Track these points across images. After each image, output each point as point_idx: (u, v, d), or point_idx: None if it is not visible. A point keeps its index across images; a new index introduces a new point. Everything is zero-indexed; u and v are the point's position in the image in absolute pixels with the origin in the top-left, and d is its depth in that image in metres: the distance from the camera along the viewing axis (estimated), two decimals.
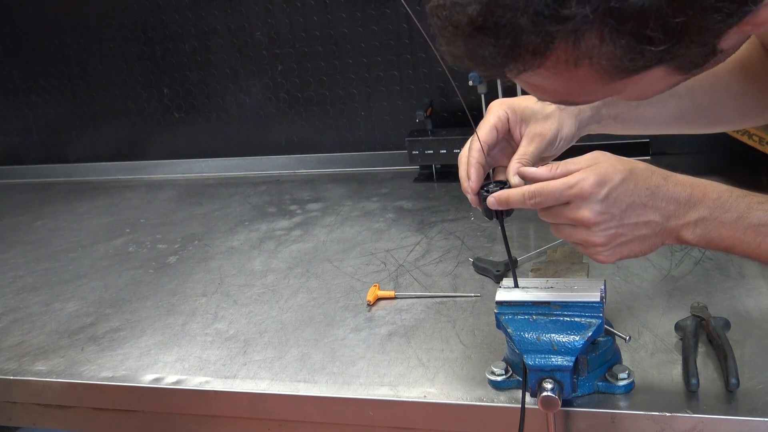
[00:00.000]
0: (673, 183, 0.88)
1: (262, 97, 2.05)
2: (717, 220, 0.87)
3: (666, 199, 0.87)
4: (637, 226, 0.88)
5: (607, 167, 0.87)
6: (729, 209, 0.87)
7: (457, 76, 1.82)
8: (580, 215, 0.87)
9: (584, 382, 0.98)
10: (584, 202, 0.87)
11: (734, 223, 0.86)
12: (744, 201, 0.87)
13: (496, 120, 1.00)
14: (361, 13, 1.90)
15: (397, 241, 1.54)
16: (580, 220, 0.88)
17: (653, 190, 0.87)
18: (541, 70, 0.68)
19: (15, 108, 2.26)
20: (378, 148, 2.01)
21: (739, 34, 0.67)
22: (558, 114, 0.99)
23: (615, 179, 0.87)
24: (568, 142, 1.02)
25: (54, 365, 1.25)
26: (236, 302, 1.38)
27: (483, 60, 0.67)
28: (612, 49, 0.64)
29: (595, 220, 0.87)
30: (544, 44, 0.64)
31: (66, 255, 1.69)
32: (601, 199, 0.87)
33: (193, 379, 1.16)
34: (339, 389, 1.09)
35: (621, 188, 0.87)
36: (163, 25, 2.05)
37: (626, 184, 0.87)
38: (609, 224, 0.88)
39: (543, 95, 0.76)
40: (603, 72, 0.67)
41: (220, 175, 2.11)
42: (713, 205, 0.87)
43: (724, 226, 0.87)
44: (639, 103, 1.04)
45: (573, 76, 0.68)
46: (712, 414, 0.93)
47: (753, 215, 0.86)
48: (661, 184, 0.88)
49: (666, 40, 0.63)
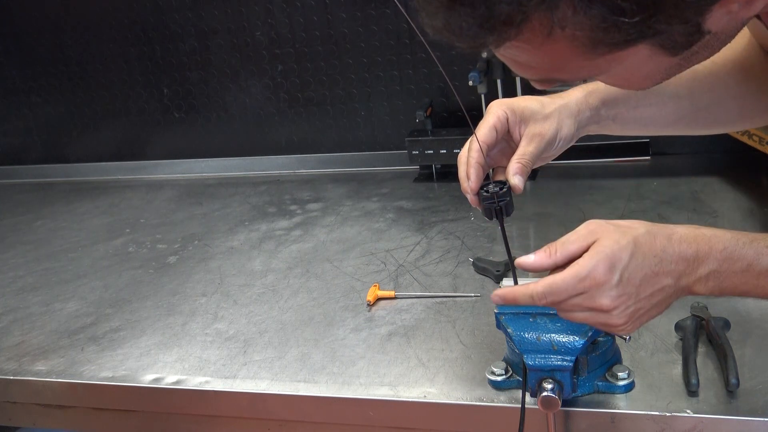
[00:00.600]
0: (677, 241, 0.86)
1: (262, 97, 2.05)
2: (728, 271, 0.85)
3: (674, 261, 0.86)
4: (653, 296, 0.86)
5: (612, 246, 0.84)
6: (738, 259, 0.85)
7: (457, 76, 1.83)
8: (597, 304, 0.85)
9: (584, 382, 0.98)
10: (599, 290, 0.84)
11: (745, 271, 0.85)
12: (752, 247, 0.85)
13: (496, 120, 1.00)
14: (361, 13, 1.90)
15: (397, 241, 1.54)
16: (599, 308, 0.86)
17: (660, 255, 0.85)
18: (519, 43, 0.67)
19: (15, 108, 2.26)
20: (378, 148, 2.01)
21: (728, 15, 0.66)
22: (557, 114, 0.99)
23: (624, 258, 0.84)
24: (567, 142, 1.02)
25: (54, 365, 1.25)
26: (236, 302, 1.38)
27: (461, 31, 0.68)
28: (585, 19, 0.63)
29: (614, 305, 0.85)
30: (519, 14, 0.64)
31: (66, 255, 1.69)
32: (615, 284, 0.84)
33: (193, 379, 1.16)
34: (339, 389, 1.09)
35: (631, 266, 0.84)
36: (163, 25, 2.05)
37: (635, 259, 0.85)
38: (627, 304, 0.86)
39: (526, 71, 0.75)
40: (581, 45, 0.66)
41: (220, 175, 2.11)
42: (721, 257, 0.85)
43: (736, 275, 0.86)
44: (638, 103, 1.04)
45: (551, 49, 0.67)
46: (712, 414, 0.93)
47: (763, 261, 0.85)
48: (666, 246, 0.86)
49: (639, 12, 0.62)
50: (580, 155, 1.76)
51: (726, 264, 0.85)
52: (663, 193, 1.58)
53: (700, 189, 1.58)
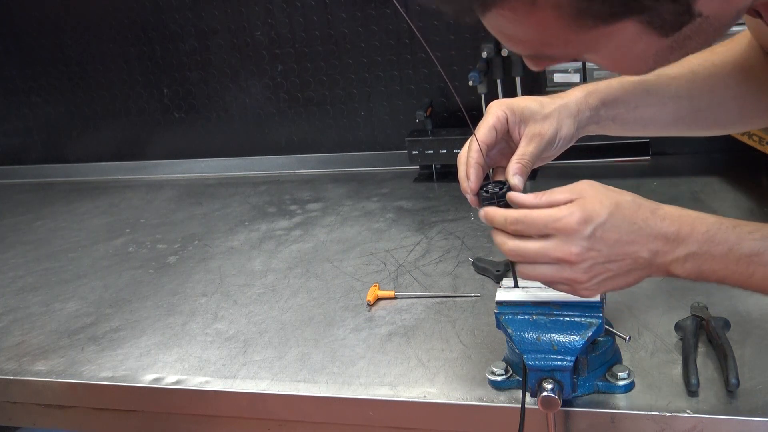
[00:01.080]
0: (660, 217, 0.86)
1: (262, 97, 2.05)
2: (707, 254, 0.85)
3: (653, 235, 0.86)
4: (623, 263, 0.87)
5: (594, 203, 0.86)
6: (719, 242, 0.85)
7: (457, 76, 1.83)
8: (565, 252, 0.86)
9: (584, 382, 0.98)
10: (569, 238, 0.86)
11: (725, 255, 0.84)
12: (734, 232, 0.85)
13: (495, 120, 1.00)
14: (361, 13, 1.90)
15: (397, 241, 1.54)
16: (566, 257, 0.86)
17: (640, 224, 0.86)
18: (504, 11, 0.68)
19: (15, 108, 2.26)
20: (378, 148, 2.01)
21: None
22: (557, 114, 0.99)
23: (602, 215, 0.85)
24: (567, 142, 1.02)
25: (54, 365, 1.25)
26: (236, 302, 1.38)
27: None
28: None
29: (581, 257, 0.86)
30: None
31: (66, 255, 1.69)
32: (587, 236, 0.85)
33: (193, 379, 1.16)
34: (339, 389, 1.09)
35: (607, 224, 0.85)
36: (163, 25, 2.05)
37: (612, 219, 0.86)
38: (595, 260, 0.86)
39: (515, 45, 0.74)
40: (566, 15, 0.66)
41: (220, 175, 2.11)
42: (702, 239, 0.85)
43: (715, 259, 0.85)
44: (638, 104, 1.04)
45: (537, 19, 0.68)
46: (712, 414, 0.93)
47: (744, 245, 0.84)
48: (648, 218, 0.86)
49: None
50: (580, 155, 1.76)
51: (706, 246, 0.85)
52: (663, 193, 1.58)
53: (700, 189, 1.58)
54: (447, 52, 1.86)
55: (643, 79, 1.04)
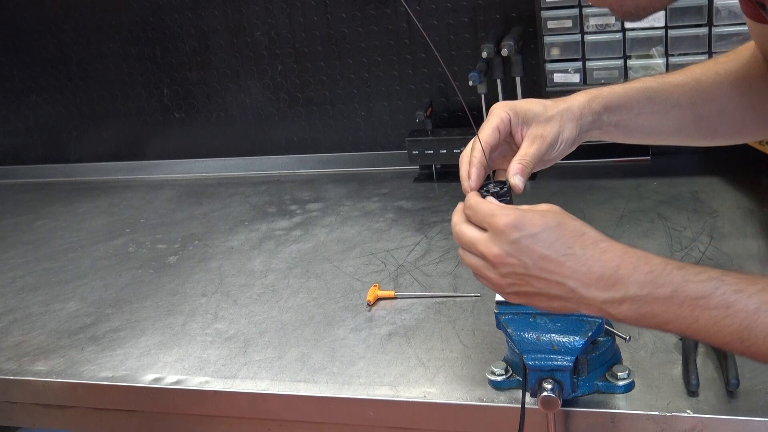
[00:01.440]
0: (602, 250, 0.83)
1: (262, 97, 2.05)
2: (649, 296, 0.81)
3: (587, 267, 0.82)
4: (547, 283, 0.84)
5: (535, 215, 0.85)
6: (663, 284, 0.80)
7: (457, 76, 1.83)
8: (488, 250, 0.86)
9: (584, 382, 0.98)
10: (495, 237, 0.85)
11: (669, 298, 0.80)
12: (680, 273, 0.80)
13: (499, 121, 1.00)
14: (361, 13, 1.90)
15: (397, 241, 1.54)
16: (486, 254, 0.86)
17: (576, 251, 0.83)
18: None
19: (15, 108, 2.26)
20: (378, 148, 2.01)
21: None
22: (559, 117, 1.00)
23: (535, 227, 0.84)
24: (568, 146, 1.02)
25: (54, 365, 1.25)
26: (236, 302, 1.38)
27: None
28: None
29: (500, 260, 0.85)
30: None
31: (66, 255, 1.69)
32: (511, 242, 0.84)
33: (193, 379, 1.16)
34: (339, 389, 1.09)
35: (539, 237, 0.83)
36: (163, 25, 2.05)
37: (546, 235, 0.84)
38: (513, 269, 0.85)
39: None
40: None
41: (220, 175, 2.11)
42: (645, 280, 0.81)
43: (657, 302, 0.80)
44: (640, 110, 1.04)
45: None
46: (712, 414, 0.93)
47: (690, 288, 0.79)
48: (588, 247, 0.83)
49: None
50: (580, 155, 1.75)
51: (648, 288, 0.81)
52: (663, 193, 1.59)
53: (700, 189, 1.58)
54: (447, 52, 1.86)
55: (647, 86, 1.05)
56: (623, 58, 1.59)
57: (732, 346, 0.79)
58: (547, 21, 1.59)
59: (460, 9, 1.83)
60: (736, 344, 0.79)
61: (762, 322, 0.77)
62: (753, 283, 0.79)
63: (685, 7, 1.52)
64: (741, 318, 0.77)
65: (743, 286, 0.78)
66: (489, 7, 1.81)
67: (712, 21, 1.51)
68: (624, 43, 1.57)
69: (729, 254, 1.30)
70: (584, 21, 1.58)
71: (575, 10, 1.57)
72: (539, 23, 1.60)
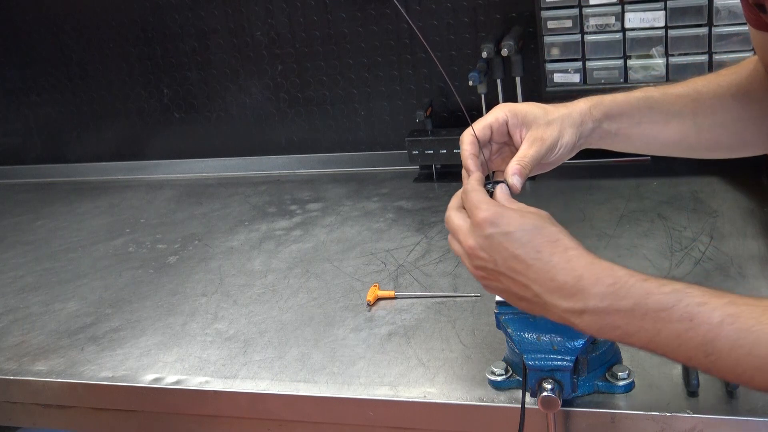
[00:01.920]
0: (567, 259, 0.83)
1: (262, 97, 2.05)
2: (610, 308, 0.80)
3: (552, 274, 0.82)
4: (514, 283, 0.85)
5: (515, 215, 0.86)
6: (624, 296, 0.79)
7: (457, 76, 1.83)
8: (466, 240, 0.88)
9: (584, 382, 0.98)
10: (474, 229, 0.87)
11: (630, 310, 0.79)
12: (643, 286, 0.79)
13: (493, 120, 1.01)
14: (361, 13, 1.90)
15: (397, 241, 1.54)
16: (462, 243, 0.88)
17: (544, 256, 0.83)
18: None
19: (15, 108, 2.26)
20: (378, 148, 2.01)
21: None
22: (560, 121, 1.00)
23: (511, 226, 0.85)
24: (568, 151, 1.02)
25: (54, 365, 1.25)
26: (236, 302, 1.38)
27: None
28: None
29: (472, 252, 0.87)
30: None
31: (66, 255, 1.69)
32: (485, 236, 0.86)
33: (193, 379, 1.16)
34: (339, 389, 1.09)
35: (512, 237, 0.84)
36: (163, 25, 2.05)
37: (519, 235, 0.84)
38: (484, 264, 0.87)
39: None
40: None
41: (220, 175, 2.11)
42: (606, 292, 0.80)
43: (619, 314, 0.79)
44: (641, 119, 1.04)
45: None
46: (712, 414, 0.93)
47: (652, 300, 0.78)
48: (555, 253, 0.83)
49: None
50: (581, 155, 1.73)
51: (609, 299, 0.80)
52: (663, 193, 1.59)
53: (700, 189, 1.58)
54: (447, 52, 1.86)
55: (648, 95, 1.05)
56: (623, 58, 1.59)
57: (697, 361, 0.77)
58: (547, 21, 1.59)
59: (460, 9, 1.83)
60: (701, 359, 0.76)
61: (726, 335, 0.75)
62: (718, 296, 0.77)
63: (685, 7, 1.52)
64: (704, 331, 0.75)
65: (707, 299, 0.77)
66: (489, 7, 1.81)
67: (712, 21, 1.51)
68: (624, 43, 1.57)
69: (729, 254, 1.30)
70: (584, 21, 1.58)
71: (575, 10, 1.57)
72: (539, 23, 1.60)
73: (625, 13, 1.55)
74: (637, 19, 1.55)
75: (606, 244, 1.40)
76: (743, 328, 0.74)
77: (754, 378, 0.75)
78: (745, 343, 0.74)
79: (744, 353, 0.74)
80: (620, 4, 1.55)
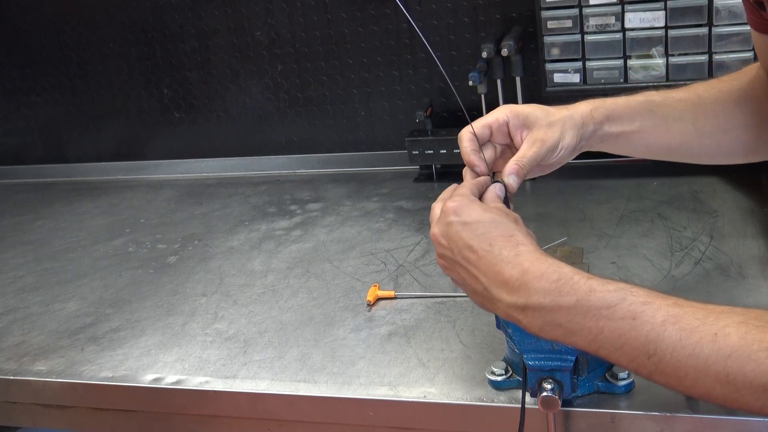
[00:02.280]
0: (516, 254, 0.83)
1: (262, 97, 2.05)
2: (552, 304, 0.79)
3: (499, 267, 0.83)
4: (468, 273, 0.86)
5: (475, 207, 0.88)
6: (567, 292, 0.79)
7: (457, 76, 1.83)
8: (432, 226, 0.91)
9: (584, 382, 0.98)
10: (440, 217, 0.90)
11: (572, 307, 0.78)
12: (587, 283, 0.79)
13: (493, 120, 1.01)
14: (361, 13, 1.90)
15: (397, 241, 1.54)
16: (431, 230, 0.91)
17: (494, 250, 0.84)
18: None
19: (15, 108, 2.26)
20: (378, 148, 2.01)
21: None
22: (561, 123, 1.00)
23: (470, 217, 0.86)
24: (569, 153, 1.02)
25: (54, 365, 1.25)
26: (236, 302, 1.38)
27: None
28: None
29: (435, 240, 0.90)
30: None
31: (66, 255, 1.69)
32: (445, 224, 0.88)
33: (193, 379, 1.16)
34: (339, 389, 1.09)
35: (468, 226, 0.86)
36: (163, 25, 2.05)
37: (476, 227, 0.86)
38: (443, 251, 0.89)
39: None
40: None
41: (220, 175, 2.11)
42: (549, 288, 0.79)
43: (561, 310, 0.79)
44: (642, 122, 1.03)
45: None
46: (712, 414, 0.93)
47: (595, 297, 0.77)
48: (506, 248, 0.83)
49: None
50: (581, 155, 1.75)
51: (551, 296, 0.79)
52: (663, 193, 1.59)
53: (700, 189, 1.58)
54: (447, 52, 1.86)
55: (650, 99, 1.05)
56: (623, 58, 1.59)
57: (639, 362, 0.77)
58: (547, 21, 1.59)
59: (460, 9, 1.83)
60: (643, 360, 0.76)
61: (669, 335, 0.74)
62: (662, 297, 0.77)
63: (685, 7, 1.52)
64: (647, 330, 0.75)
65: (651, 299, 0.77)
66: (489, 7, 1.81)
67: (712, 21, 1.51)
68: (624, 43, 1.57)
69: (729, 254, 1.30)
70: (584, 21, 1.58)
71: (575, 10, 1.57)
72: (539, 23, 1.60)
73: (625, 13, 1.55)
74: (637, 19, 1.55)
75: (606, 244, 1.40)
76: (686, 329, 0.74)
77: (696, 382, 0.74)
78: (687, 344, 0.73)
79: (686, 354, 0.73)
80: (620, 4, 1.55)
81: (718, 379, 0.73)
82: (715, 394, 0.74)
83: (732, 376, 0.72)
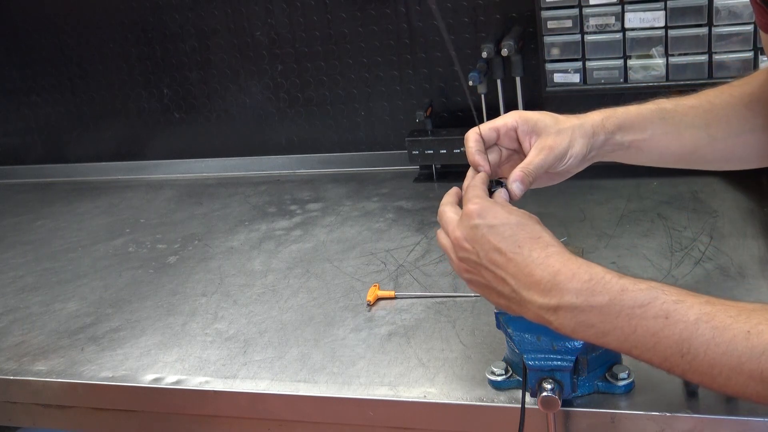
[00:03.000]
0: (546, 255, 0.83)
1: (262, 97, 2.05)
2: (585, 305, 0.79)
3: (530, 269, 0.83)
4: (494, 277, 0.86)
5: (499, 209, 0.87)
6: (599, 292, 0.79)
7: (457, 76, 1.82)
8: (452, 230, 0.89)
9: (584, 382, 0.98)
10: (462, 220, 0.89)
11: (605, 306, 0.78)
12: (618, 282, 0.79)
13: (501, 124, 1.01)
14: (361, 13, 1.90)
15: (397, 241, 1.54)
16: (450, 234, 0.89)
17: (524, 251, 0.83)
18: None
19: (15, 108, 2.26)
20: (378, 148, 2.01)
21: None
22: (571, 131, 0.99)
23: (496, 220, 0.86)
24: (578, 162, 1.01)
25: (54, 365, 1.25)
26: (236, 302, 1.38)
27: None
28: None
29: (458, 244, 0.88)
30: None
31: (66, 255, 1.69)
32: (470, 227, 0.87)
33: (193, 379, 1.16)
34: (339, 389, 1.09)
35: (495, 230, 0.85)
36: (163, 25, 2.05)
37: (502, 229, 0.85)
38: (467, 256, 0.88)
39: None
40: None
41: (220, 175, 2.11)
42: (581, 288, 0.80)
43: (594, 310, 0.79)
44: (654, 131, 1.02)
45: None
46: (712, 414, 0.93)
47: (627, 297, 0.78)
48: (536, 250, 0.83)
49: None
50: None
51: (584, 296, 0.79)
52: (663, 193, 1.58)
53: (700, 189, 1.58)
54: (447, 52, 1.86)
55: (661, 107, 1.04)
56: (623, 58, 1.59)
57: (673, 362, 0.77)
58: (547, 21, 1.59)
59: (460, 9, 1.83)
60: (677, 359, 0.76)
61: (702, 333, 0.74)
62: (694, 295, 0.77)
63: (685, 7, 1.52)
64: (680, 329, 0.75)
65: (683, 297, 0.77)
66: (489, 7, 1.81)
67: (712, 21, 1.51)
68: (624, 43, 1.57)
69: (729, 254, 1.30)
70: (584, 21, 1.58)
71: (575, 10, 1.57)
72: (539, 23, 1.60)
73: (625, 13, 1.55)
74: (637, 19, 1.55)
75: (606, 244, 1.40)
76: (719, 327, 0.74)
77: (730, 379, 0.74)
78: (721, 342, 0.74)
79: (720, 352, 0.74)
80: (620, 4, 1.55)
81: (752, 377, 0.73)
82: (749, 392, 0.74)
83: (766, 372, 0.72)
